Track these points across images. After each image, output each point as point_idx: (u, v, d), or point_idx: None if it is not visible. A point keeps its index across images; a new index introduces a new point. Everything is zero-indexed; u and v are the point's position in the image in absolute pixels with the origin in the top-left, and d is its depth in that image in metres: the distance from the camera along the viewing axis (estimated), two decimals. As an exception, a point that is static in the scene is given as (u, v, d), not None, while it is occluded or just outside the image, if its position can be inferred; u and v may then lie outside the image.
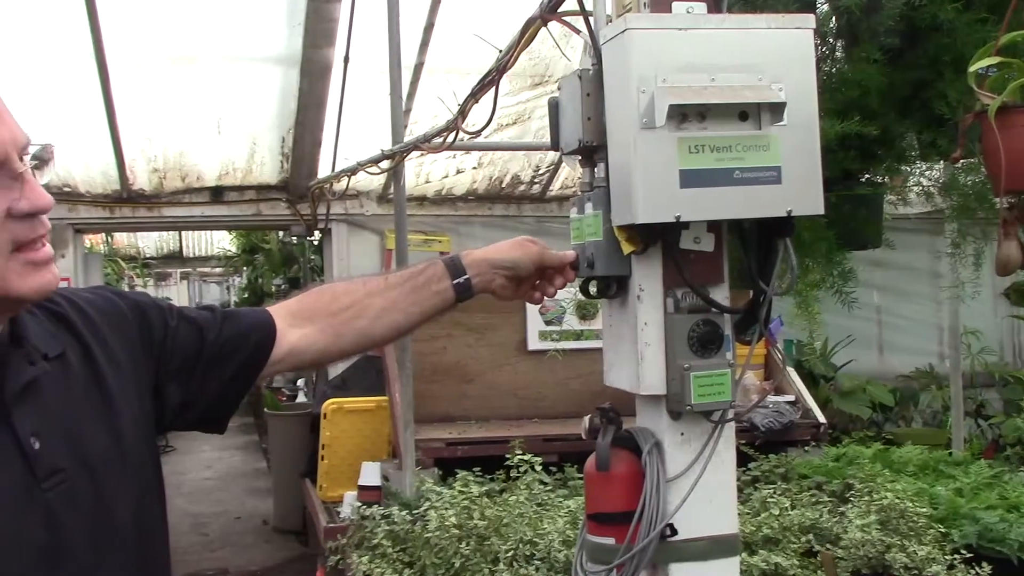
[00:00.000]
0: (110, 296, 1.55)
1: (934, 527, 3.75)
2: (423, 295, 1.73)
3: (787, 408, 5.41)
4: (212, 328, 1.60)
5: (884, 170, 2.73)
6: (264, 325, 1.65)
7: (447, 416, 5.54)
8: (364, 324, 1.70)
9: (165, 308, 1.59)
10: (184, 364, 1.56)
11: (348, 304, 1.70)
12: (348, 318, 1.69)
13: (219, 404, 1.61)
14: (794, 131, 1.61)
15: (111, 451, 1.41)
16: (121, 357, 1.48)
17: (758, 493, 4.14)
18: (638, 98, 1.55)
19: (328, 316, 1.69)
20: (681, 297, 1.65)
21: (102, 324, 1.49)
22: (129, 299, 1.57)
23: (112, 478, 1.40)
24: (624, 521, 1.61)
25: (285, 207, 7.56)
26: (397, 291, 1.72)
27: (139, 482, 1.46)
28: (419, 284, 1.73)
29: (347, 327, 1.70)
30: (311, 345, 1.68)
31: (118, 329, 1.51)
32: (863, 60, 2.49)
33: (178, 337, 1.56)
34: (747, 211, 1.61)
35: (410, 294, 1.72)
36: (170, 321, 1.57)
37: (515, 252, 1.77)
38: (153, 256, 17.97)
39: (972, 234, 2.83)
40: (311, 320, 1.69)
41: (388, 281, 1.74)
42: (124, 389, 1.47)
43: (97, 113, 6.42)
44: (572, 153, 1.75)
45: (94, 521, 1.37)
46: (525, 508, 3.81)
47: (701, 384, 1.61)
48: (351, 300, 1.71)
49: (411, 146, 4.38)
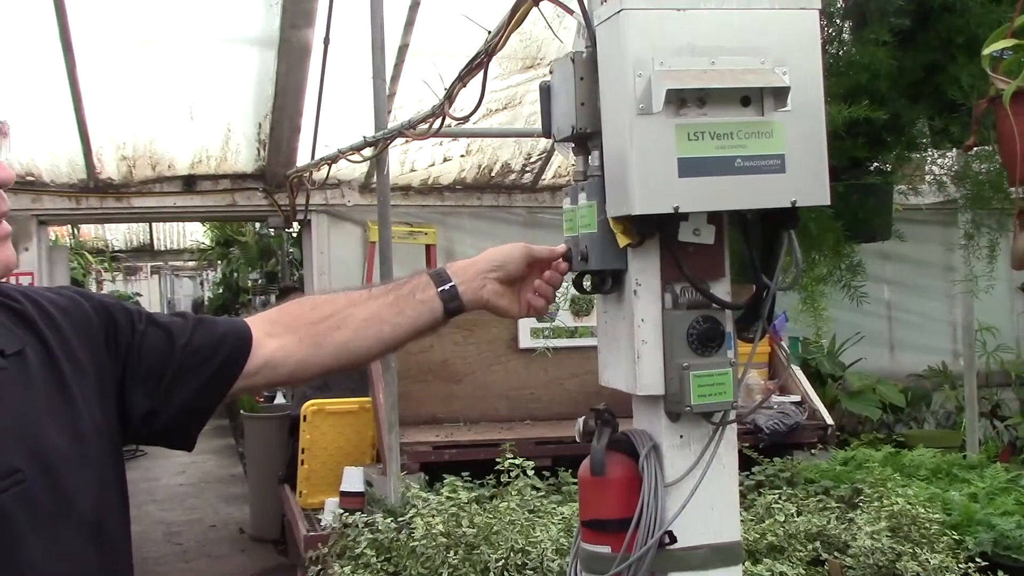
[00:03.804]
0: (74, 296, 1.55)
1: (947, 534, 3.76)
2: (408, 304, 1.71)
3: (792, 409, 5.43)
4: (183, 334, 1.59)
5: (894, 158, 2.74)
6: (239, 333, 1.64)
7: (434, 418, 5.55)
8: (346, 336, 1.68)
9: (133, 311, 1.59)
10: (152, 371, 1.55)
11: (328, 314, 1.69)
12: (328, 328, 1.68)
13: (188, 416, 1.60)
14: (799, 117, 1.61)
15: (72, 453, 1.41)
16: (84, 359, 1.48)
17: (762, 499, 4.15)
18: (634, 82, 1.55)
19: (307, 326, 1.68)
20: (680, 292, 1.65)
21: (65, 324, 1.48)
22: (95, 300, 1.57)
23: (72, 480, 1.40)
24: (620, 528, 1.61)
25: (262, 197, 7.54)
26: (380, 301, 1.70)
27: (101, 486, 1.45)
28: (403, 294, 1.71)
29: (327, 338, 1.68)
30: (289, 356, 1.66)
31: (82, 330, 1.50)
32: (871, 42, 2.50)
33: (146, 342, 1.56)
34: (749, 202, 1.62)
35: (394, 304, 1.70)
36: (138, 324, 1.56)
37: (499, 252, 1.76)
38: (122, 249, 17.93)
39: (987, 225, 2.84)
40: (290, 330, 1.67)
41: (371, 292, 1.73)
42: (86, 391, 1.46)
43: (62, 97, 6.40)
44: (565, 140, 1.75)
45: (52, 524, 1.37)
46: (516, 515, 3.81)
47: (701, 384, 1.61)
48: (332, 310, 1.69)
49: (395, 133, 4.37)
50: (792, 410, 5.42)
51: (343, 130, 6.33)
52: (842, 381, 7.90)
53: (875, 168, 2.72)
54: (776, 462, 4.81)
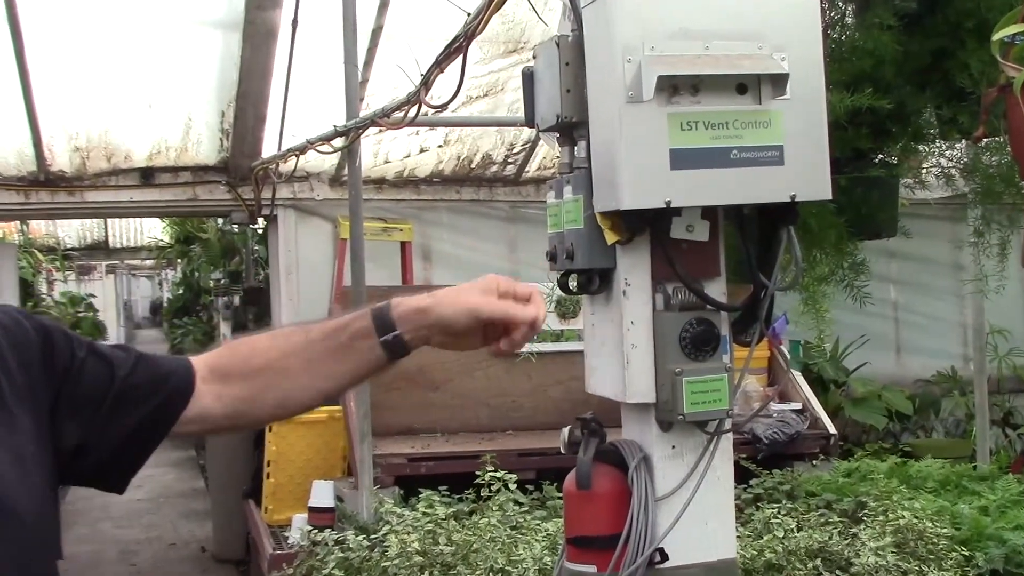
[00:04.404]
0: (14, 314, 1.55)
1: (956, 550, 3.78)
2: (350, 355, 1.65)
3: (793, 417, 5.45)
4: (123, 366, 1.57)
5: (899, 149, 2.75)
6: (183, 373, 1.62)
7: (410, 428, 5.54)
8: (283, 390, 1.65)
9: (73, 337, 1.58)
10: (87, 402, 1.53)
11: (263, 365, 1.65)
12: (266, 383, 1.64)
13: (121, 456, 1.58)
14: (798, 106, 1.62)
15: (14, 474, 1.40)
16: (20, 380, 1.48)
17: (760, 513, 4.16)
18: (623, 68, 1.55)
19: (243, 378, 1.65)
20: (672, 293, 1.66)
21: (3, 341, 1.48)
22: (35, 320, 1.56)
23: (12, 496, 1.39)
24: (608, 546, 1.61)
25: (225, 191, 7.51)
26: (319, 349, 1.65)
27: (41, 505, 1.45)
28: (343, 343, 1.65)
29: (265, 393, 1.65)
30: (226, 407, 1.63)
31: (20, 350, 1.50)
32: (876, 26, 2.51)
33: (85, 370, 1.54)
34: (746, 196, 1.62)
35: (335, 353, 1.65)
36: (78, 351, 1.55)
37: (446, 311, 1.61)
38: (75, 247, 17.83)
39: (997, 221, 2.86)
40: (227, 380, 1.65)
41: (309, 336, 1.67)
42: (23, 412, 1.46)
43: (10, 84, 6.35)
44: (549, 130, 1.75)
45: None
46: (497, 532, 3.81)
47: (695, 391, 1.62)
48: (266, 360, 1.65)
49: (368, 122, 4.37)
50: (793, 418, 5.44)
51: (312, 119, 6.31)
52: (846, 387, 7.92)
53: (879, 160, 2.73)
54: (775, 474, 4.83)
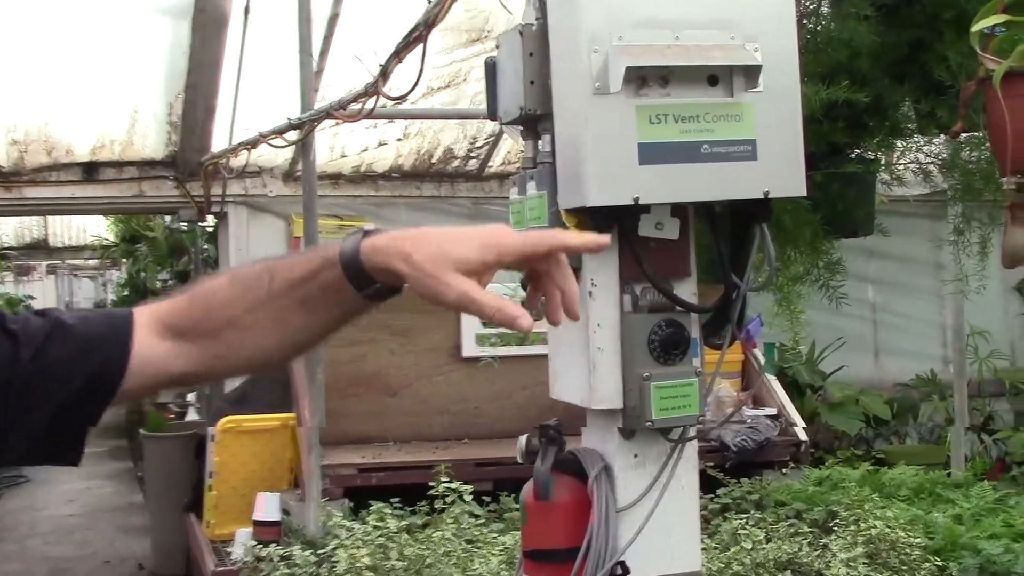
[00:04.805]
0: None
1: (930, 560, 3.82)
2: (325, 306, 1.53)
3: (765, 423, 5.46)
4: (32, 342, 1.46)
5: (877, 144, 2.76)
6: (116, 338, 1.51)
7: (362, 437, 5.49)
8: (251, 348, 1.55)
9: None
10: None
11: (228, 321, 1.54)
12: (232, 340, 1.54)
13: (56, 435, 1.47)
14: (772, 99, 1.63)
15: None
16: None
17: (727, 524, 4.18)
18: (590, 59, 1.55)
19: (206, 336, 1.54)
20: (640, 293, 1.66)
21: None
22: None
23: None
24: (567, 559, 1.61)
25: (173, 187, 7.46)
26: (287, 303, 1.53)
27: None
28: (314, 295, 1.52)
29: (232, 351, 1.56)
30: (185, 365, 1.54)
31: None
32: (852, 17, 2.52)
33: None
34: (717, 192, 1.63)
35: (306, 306, 1.53)
36: None
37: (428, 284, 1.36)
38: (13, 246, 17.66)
39: (977, 219, 2.88)
40: (185, 337, 1.55)
41: (273, 288, 1.53)
42: None
43: (-58, 73, 6.30)
44: (512, 123, 1.75)
45: None
46: (452, 545, 3.81)
47: (663, 396, 1.62)
48: (230, 316, 1.53)
49: (323, 114, 4.35)
50: (765, 424, 5.45)
51: (265, 111, 6.26)
52: (822, 391, 7.96)
53: (856, 155, 2.74)
54: (744, 483, 4.85)
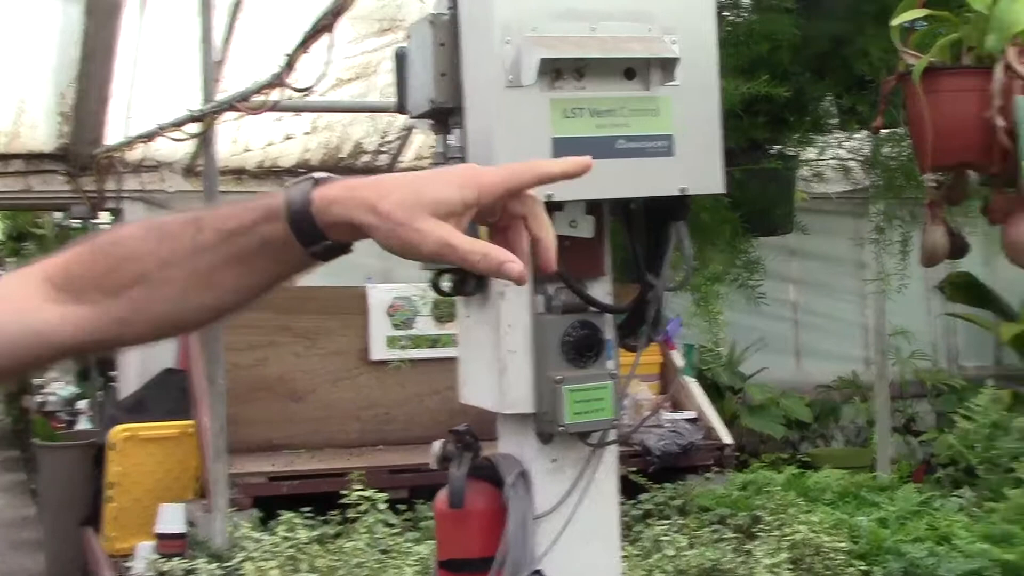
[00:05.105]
0: None
1: (854, 564, 3.88)
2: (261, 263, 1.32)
3: (686, 427, 5.51)
4: None
5: (797, 140, 2.80)
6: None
7: (269, 444, 5.46)
8: (164, 311, 1.34)
9: None
10: None
11: (136, 277, 1.33)
12: (139, 301, 1.33)
13: None
14: (689, 93, 1.64)
15: None
16: None
17: (650, 530, 4.21)
18: (502, 50, 1.55)
19: (107, 295, 1.34)
20: (554, 294, 1.66)
21: None
22: None
23: None
24: (482, 569, 1.61)
25: (63, 181, 7.35)
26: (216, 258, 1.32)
27: None
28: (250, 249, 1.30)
29: (138, 314, 1.35)
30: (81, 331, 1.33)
31: None
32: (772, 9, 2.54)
33: None
34: (633, 189, 1.63)
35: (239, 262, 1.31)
36: None
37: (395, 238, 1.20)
38: None
39: (899, 217, 2.93)
40: (82, 296, 1.34)
41: (199, 239, 1.33)
42: None
43: None
44: (422, 117, 1.74)
45: None
46: (365, 556, 3.80)
47: (577, 400, 1.62)
48: (139, 271, 1.33)
49: (226, 106, 4.32)
50: (686, 428, 5.50)
51: (164, 102, 6.20)
52: (742, 394, 8.05)
53: (777, 152, 2.78)
54: (667, 488, 4.89)
